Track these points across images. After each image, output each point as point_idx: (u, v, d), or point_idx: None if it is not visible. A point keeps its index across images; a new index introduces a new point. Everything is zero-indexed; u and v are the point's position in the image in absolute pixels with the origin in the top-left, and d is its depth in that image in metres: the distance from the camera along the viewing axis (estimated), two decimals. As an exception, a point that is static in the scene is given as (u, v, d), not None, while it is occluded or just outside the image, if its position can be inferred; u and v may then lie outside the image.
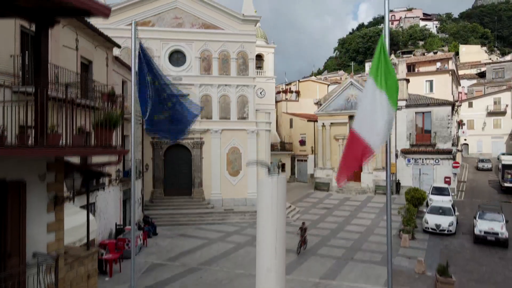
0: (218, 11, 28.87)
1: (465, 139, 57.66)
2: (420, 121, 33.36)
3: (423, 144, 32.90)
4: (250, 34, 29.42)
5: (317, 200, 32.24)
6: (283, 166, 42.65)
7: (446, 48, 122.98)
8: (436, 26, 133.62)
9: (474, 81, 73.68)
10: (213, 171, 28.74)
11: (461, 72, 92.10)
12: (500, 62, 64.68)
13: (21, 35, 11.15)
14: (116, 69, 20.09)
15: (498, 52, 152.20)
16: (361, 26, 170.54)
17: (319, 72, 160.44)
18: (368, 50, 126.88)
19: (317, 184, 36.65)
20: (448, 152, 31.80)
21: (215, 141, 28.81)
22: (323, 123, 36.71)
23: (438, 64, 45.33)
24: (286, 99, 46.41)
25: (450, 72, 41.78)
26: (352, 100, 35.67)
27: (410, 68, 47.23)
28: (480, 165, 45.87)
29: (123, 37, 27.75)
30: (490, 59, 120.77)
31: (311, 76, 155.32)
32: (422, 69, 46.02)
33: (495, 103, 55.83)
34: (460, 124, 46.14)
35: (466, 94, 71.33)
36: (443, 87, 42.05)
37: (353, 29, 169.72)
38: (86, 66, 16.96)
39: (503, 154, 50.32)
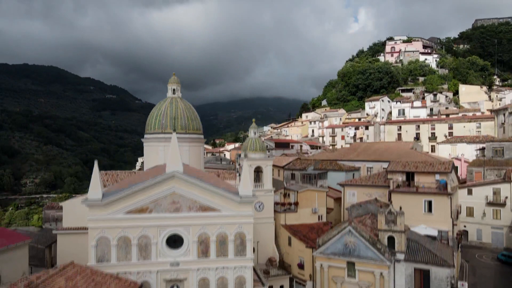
0: (215, 194, 28.75)
1: (464, 226, 57.68)
2: (419, 278, 33.28)
3: (421, 302, 32.84)
4: (247, 215, 29.28)
5: None
6: (281, 288, 42.66)
7: (445, 86, 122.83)
8: (435, 60, 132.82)
9: (475, 149, 73.64)
10: None
11: (460, 126, 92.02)
12: (501, 141, 64.37)
13: None
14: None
15: (498, 80, 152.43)
16: (361, 52, 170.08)
17: (319, 100, 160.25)
18: (368, 87, 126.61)
19: (315, 326, 36.66)
20: (447, 315, 31.74)
21: (213, 323, 28.76)
22: (321, 264, 36.65)
23: (437, 176, 45.16)
24: (285, 210, 46.28)
25: (449, 196, 41.63)
26: (350, 246, 35.58)
27: (409, 176, 47.06)
28: None
29: (120, 226, 27.75)
30: (489, 97, 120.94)
31: (309, 108, 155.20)
32: (421, 179, 45.75)
33: (494, 193, 55.74)
34: (459, 236, 45.97)
35: (466, 162, 71.24)
36: (442, 209, 41.99)
37: (353, 56, 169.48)
38: None
39: (504, 254, 50.30)
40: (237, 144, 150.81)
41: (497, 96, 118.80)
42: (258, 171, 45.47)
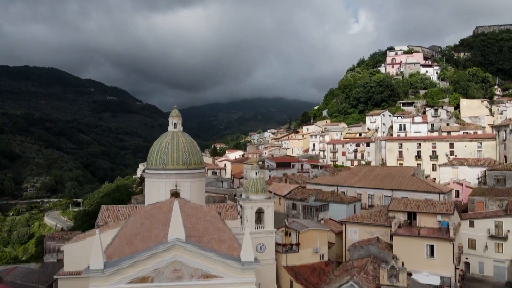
0: (218, 262, 28.62)
1: (466, 258, 57.51)
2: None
3: None
4: (249, 282, 29.15)
5: None
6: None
7: (446, 100, 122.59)
8: (436, 72, 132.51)
9: (476, 175, 73.62)
10: None
11: (461, 145, 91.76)
12: (502, 169, 64.24)
13: None
14: None
15: (499, 89, 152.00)
16: (362, 61, 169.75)
17: (319, 109, 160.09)
18: (369, 100, 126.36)
19: None
20: None
21: None
22: (324, 316, 36.60)
23: (439, 217, 45.10)
24: (286, 251, 46.22)
25: (451, 242, 41.50)
26: (352, 300, 35.48)
27: (411, 216, 47.03)
28: None
29: (122, 297, 27.60)
30: (490, 110, 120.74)
31: (310, 117, 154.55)
32: (423, 220, 45.78)
33: (496, 226, 55.59)
34: (461, 277, 45.91)
35: (467, 186, 71.10)
36: (444, 254, 41.85)
37: (353, 65, 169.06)
38: None
39: None
40: (237, 154, 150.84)
41: (498, 109, 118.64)
42: (259, 212, 45.38)
